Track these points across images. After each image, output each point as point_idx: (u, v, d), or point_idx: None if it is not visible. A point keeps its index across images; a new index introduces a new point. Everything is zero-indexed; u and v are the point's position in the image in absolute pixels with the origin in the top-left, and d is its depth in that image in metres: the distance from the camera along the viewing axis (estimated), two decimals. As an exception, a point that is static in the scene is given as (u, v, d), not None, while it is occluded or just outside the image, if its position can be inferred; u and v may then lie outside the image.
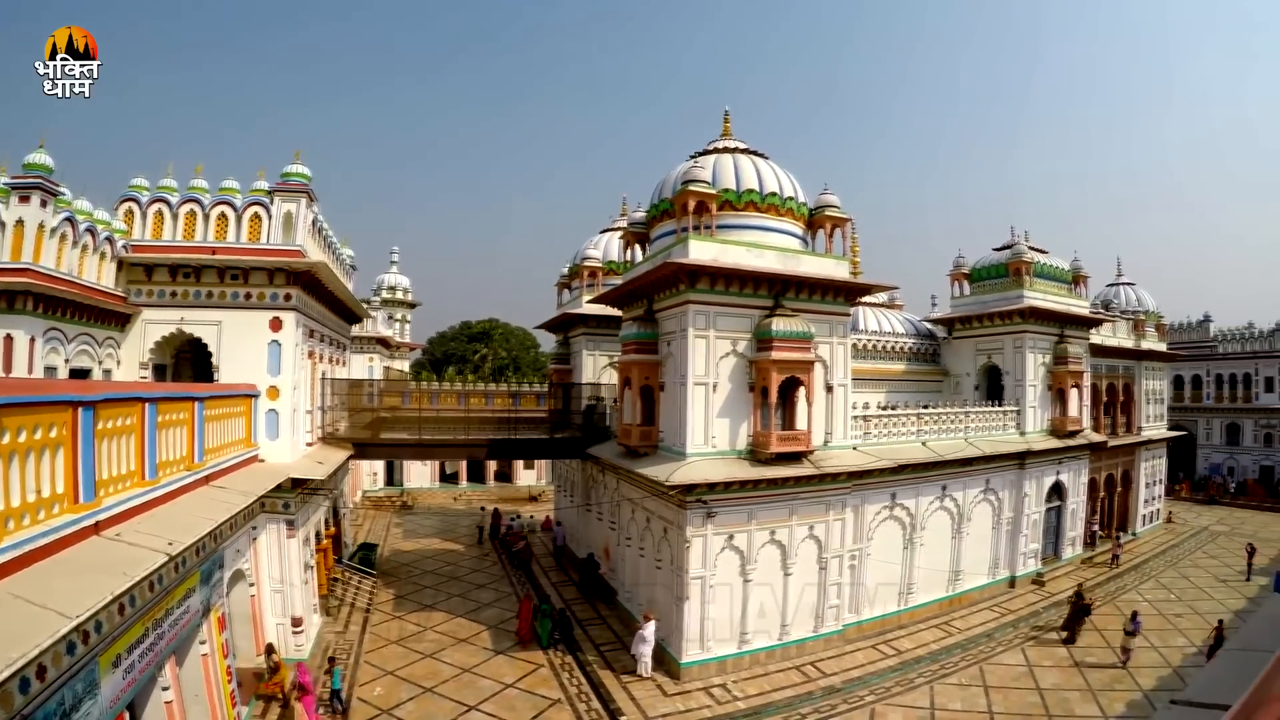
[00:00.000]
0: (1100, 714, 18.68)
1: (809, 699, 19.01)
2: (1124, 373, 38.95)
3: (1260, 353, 56.16)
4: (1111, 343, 37.22)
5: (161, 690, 11.61)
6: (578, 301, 32.16)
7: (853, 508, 22.84)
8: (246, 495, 15.58)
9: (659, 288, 22.09)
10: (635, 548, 23.63)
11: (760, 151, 23.99)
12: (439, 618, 24.40)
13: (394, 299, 54.31)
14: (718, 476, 19.54)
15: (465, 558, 32.80)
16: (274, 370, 20.14)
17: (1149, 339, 41.00)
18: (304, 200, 20.60)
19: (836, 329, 22.88)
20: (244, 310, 20.08)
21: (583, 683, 19.67)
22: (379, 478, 48.48)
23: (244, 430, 18.46)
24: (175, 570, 12.06)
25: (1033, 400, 30.13)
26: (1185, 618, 26.17)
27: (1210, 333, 59.34)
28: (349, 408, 28.46)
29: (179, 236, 19.86)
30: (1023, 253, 30.67)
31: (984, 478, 27.48)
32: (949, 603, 26.34)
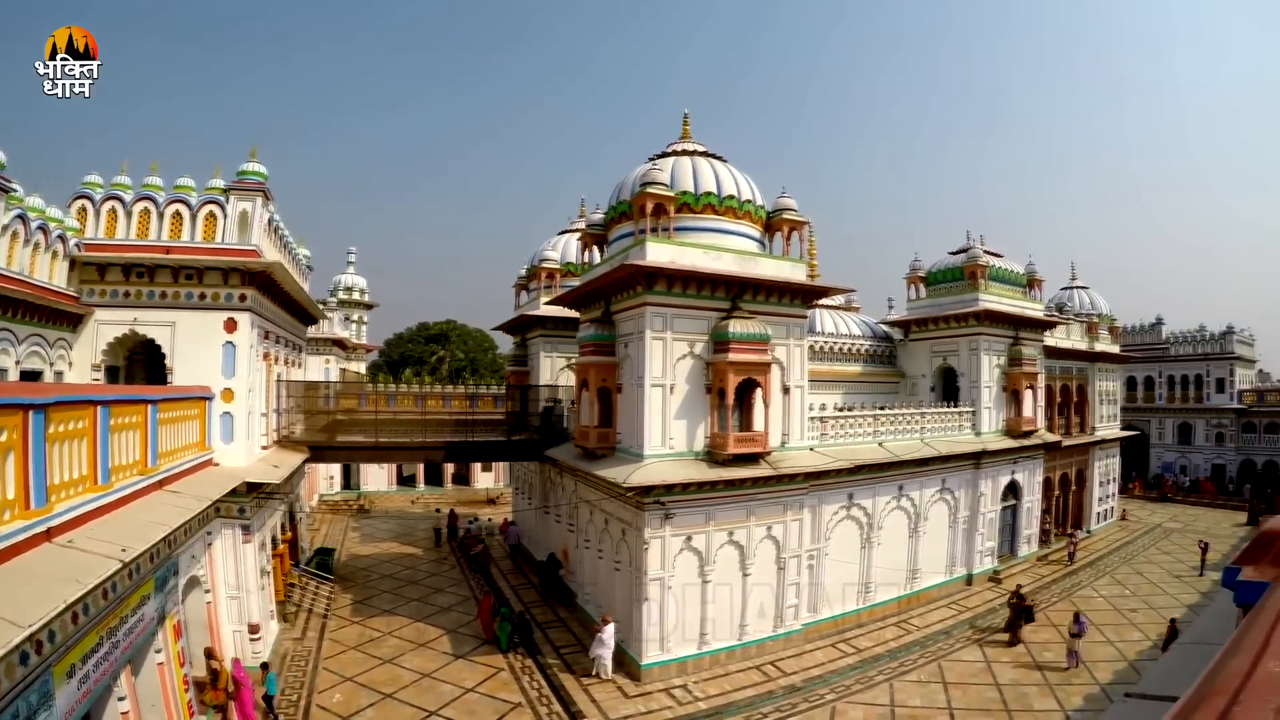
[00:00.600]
0: (1058, 708, 18.94)
1: (770, 698, 19.09)
2: (1078, 374, 39.65)
3: (1211, 355, 57.66)
4: (1066, 345, 37.81)
5: (118, 700, 11.41)
6: (535, 303, 32.06)
7: (810, 508, 22.94)
8: (201, 500, 15.32)
9: (616, 289, 22.10)
10: (594, 550, 23.53)
11: (719, 154, 24.08)
12: (398, 622, 24.15)
13: (351, 300, 53.78)
14: (675, 478, 19.56)
15: (423, 561, 32.52)
16: (228, 372, 19.79)
17: (1102, 341, 41.76)
18: (260, 199, 20.29)
19: (793, 331, 23.05)
20: (198, 311, 19.71)
21: (543, 686, 19.56)
22: (336, 481, 47.91)
23: (198, 433, 18.15)
24: (129, 577, 11.83)
25: (988, 401, 30.54)
26: (1140, 612, 26.72)
27: (1163, 335, 60.76)
28: (305, 410, 28.15)
29: (133, 235, 19.48)
30: (978, 256, 31.09)
31: (940, 477, 27.80)
32: (907, 601, 26.56)
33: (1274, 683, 1.45)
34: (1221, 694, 1.42)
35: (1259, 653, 1.63)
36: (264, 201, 20.52)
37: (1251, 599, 2.58)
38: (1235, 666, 1.61)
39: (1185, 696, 1.55)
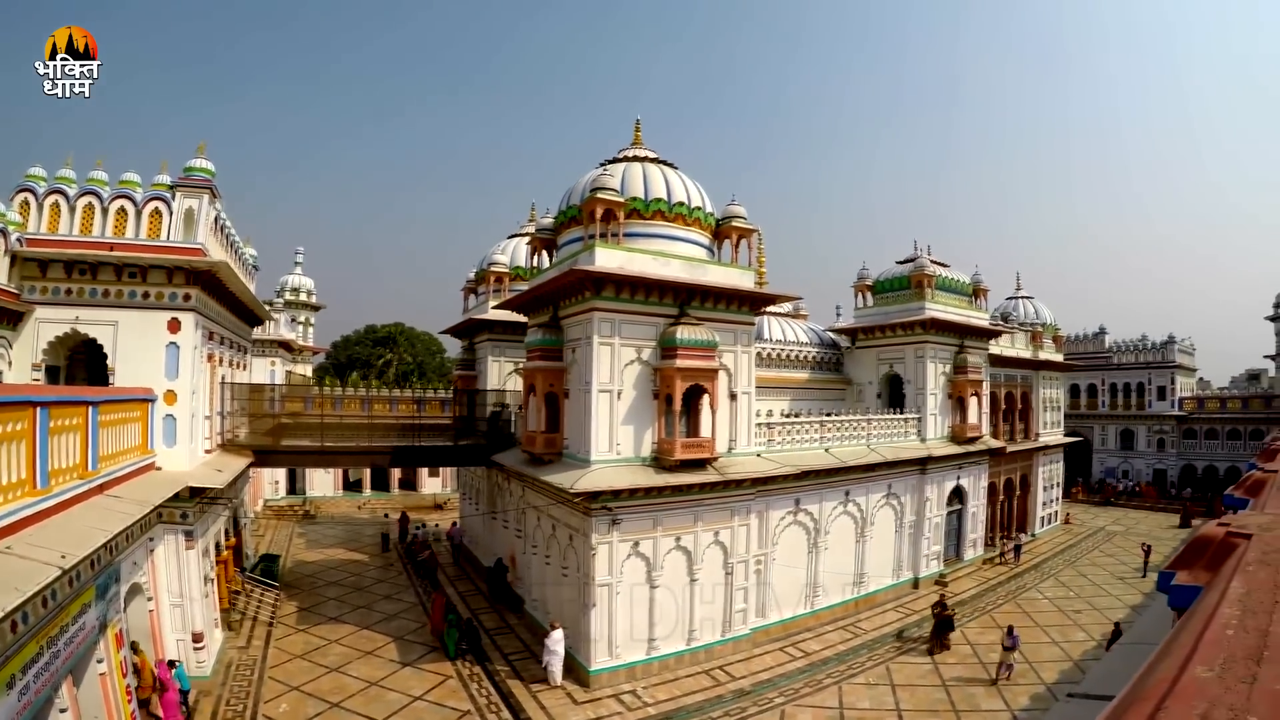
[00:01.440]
0: (1005, 708, 19.21)
1: (719, 702, 19.12)
2: (1022, 381, 40.40)
3: (1153, 363, 59.17)
4: (1010, 353, 38.59)
5: (59, 712, 11.17)
6: (484, 307, 31.90)
7: (757, 513, 23.06)
8: (143, 505, 14.94)
9: (565, 294, 22.05)
10: (541, 555, 23.41)
11: (669, 161, 24.14)
12: (344, 630, 23.78)
13: (297, 301, 53.05)
14: (622, 483, 19.51)
15: (370, 568, 32.08)
16: (172, 374, 19.26)
17: (1046, 350, 42.70)
18: (207, 197, 19.83)
19: (741, 338, 23.18)
20: (141, 310, 19.17)
21: (492, 693, 19.37)
22: (281, 486, 47.11)
23: (140, 436, 17.67)
24: (69, 584, 11.57)
25: (933, 408, 30.96)
26: (1084, 614, 27.27)
27: (1106, 344, 62.11)
28: (250, 413, 27.63)
29: (76, 231, 18.91)
30: (925, 266, 31.53)
31: (886, 483, 28.09)
32: (855, 604, 26.79)
33: (1200, 688, 1.47)
34: (1150, 698, 1.45)
35: (1187, 657, 1.66)
36: (210, 199, 20.08)
37: (1185, 603, 2.63)
38: (1164, 671, 1.63)
39: (1115, 700, 1.58)
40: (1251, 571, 2.39)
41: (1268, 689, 1.43)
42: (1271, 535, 2.88)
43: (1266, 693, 1.42)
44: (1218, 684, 1.48)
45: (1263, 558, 2.55)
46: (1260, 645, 1.70)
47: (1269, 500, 4.44)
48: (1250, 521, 3.20)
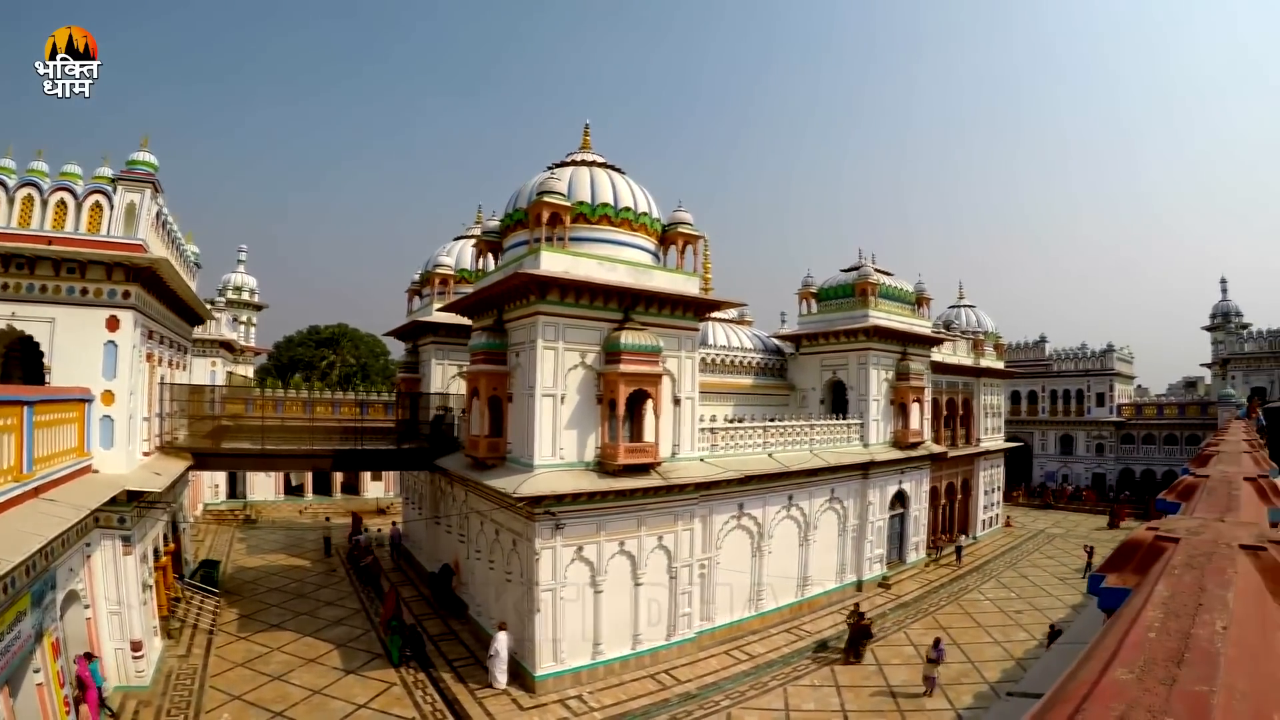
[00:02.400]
0: (949, 706, 19.58)
1: (665, 706, 19.14)
2: (964, 388, 41.13)
3: (1092, 371, 60.61)
4: (952, 360, 39.21)
5: (-6, 724, 10.78)
6: (428, 309, 31.58)
7: (701, 518, 23.13)
8: (80, 509, 14.51)
9: (510, 298, 21.93)
10: (485, 561, 23.23)
11: (617, 166, 24.16)
12: (286, 637, 23.36)
13: (240, 300, 52.04)
14: (565, 488, 19.46)
15: (312, 573, 31.54)
16: (110, 373, 18.64)
17: (988, 357, 43.51)
18: (149, 191, 19.24)
19: (685, 343, 23.25)
20: (80, 307, 18.52)
21: (437, 700, 19.17)
22: (221, 490, 45.93)
23: (76, 438, 17.11)
24: (3, 592, 11.26)
25: (876, 414, 31.35)
26: (1026, 614, 27.89)
27: (1046, 352, 63.57)
28: (189, 415, 26.98)
29: (14, 223, 18.15)
30: (869, 274, 31.90)
31: (829, 487, 28.39)
32: (799, 607, 27.00)
33: (1119, 689, 1.48)
34: (1071, 700, 1.46)
35: (1109, 659, 1.68)
36: (153, 194, 19.52)
37: (1114, 605, 2.64)
38: (1087, 673, 1.64)
39: (1039, 702, 1.60)
40: (1177, 575, 2.43)
41: (1186, 691, 1.46)
42: (1198, 539, 2.94)
43: (1185, 694, 1.44)
44: (1137, 686, 1.50)
45: (1189, 561, 2.60)
46: (1181, 648, 1.72)
47: (1198, 505, 4.53)
48: (1179, 526, 3.26)
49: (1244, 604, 2.10)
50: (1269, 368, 56.30)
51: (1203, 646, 1.71)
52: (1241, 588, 2.26)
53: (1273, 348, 56.52)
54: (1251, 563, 2.61)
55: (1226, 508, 4.10)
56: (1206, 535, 3.00)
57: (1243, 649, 1.73)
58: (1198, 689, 1.46)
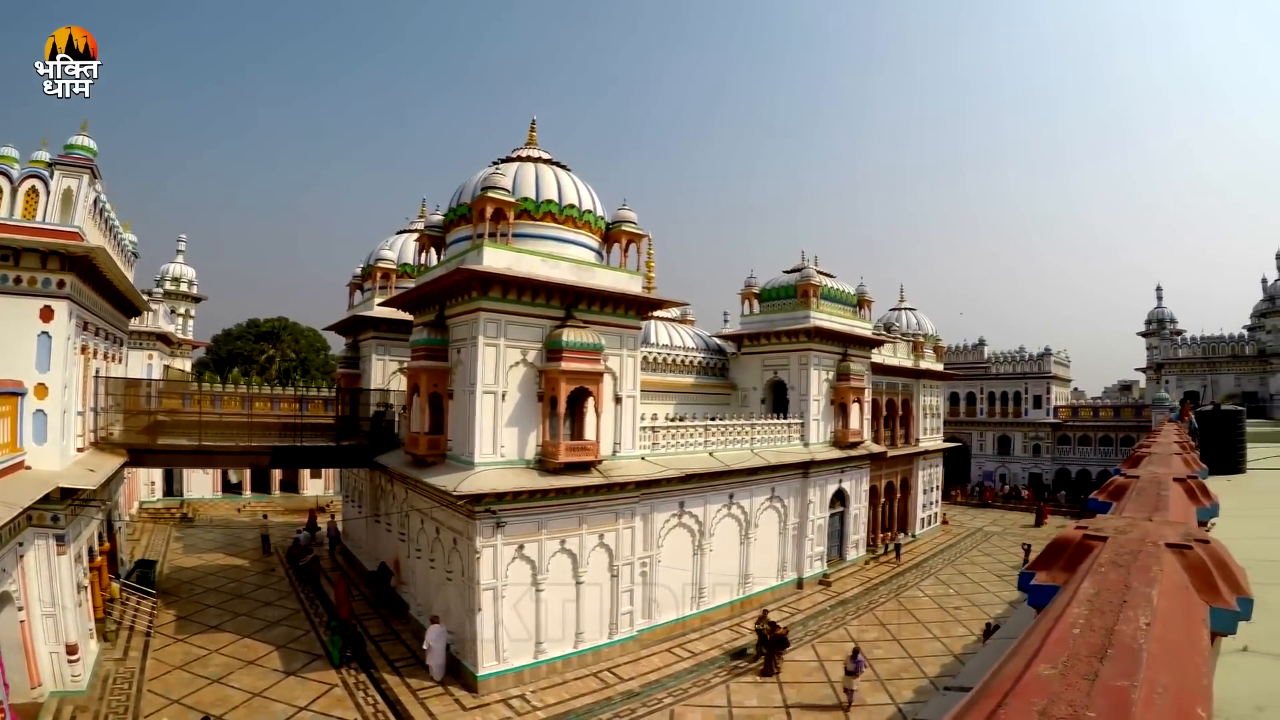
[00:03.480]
0: (890, 701, 19.90)
1: (608, 704, 19.15)
2: (904, 389, 41.89)
3: (1029, 374, 61.89)
4: (892, 362, 39.92)
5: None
6: (369, 304, 31.26)
7: (642, 516, 23.23)
8: (11, 507, 14.02)
9: (452, 294, 21.80)
10: (426, 559, 23.05)
11: (562, 163, 24.15)
12: (225, 639, 22.83)
13: (178, 292, 50.67)
14: (506, 486, 19.39)
15: (250, 573, 30.90)
16: (43, 366, 17.96)
17: (927, 359, 44.42)
18: (87, 177, 18.52)
19: (627, 342, 23.36)
20: (12, 296, 17.83)
21: (379, 701, 18.92)
22: (157, 487, 44.50)
23: (8, 433, 16.47)
24: None
25: (816, 414, 31.75)
26: (964, 610, 28.47)
27: (985, 355, 64.81)
28: (125, 410, 26.31)
29: None
30: (811, 276, 32.29)
31: (770, 486, 28.66)
32: (740, 605, 27.14)
33: (1041, 685, 1.50)
34: (995, 695, 1.49)
35: (1033, 655, 1.70)
36: (91, 180, 18.82)
37: (1043, 602, 2.66)
38: (1011, 669, 1.66)
39: (964, 699, 1.61)
40: (1104, 573, 2.46)
41: (1108, 685, 1.48)
42: (1126, 538, 2.97)
43: (1106, 689, 1.46)
44: (1060, 681, 1.52)
45: (1115, 559, 2.63)
46: (1105, 644, 1.74)
47: (1128, 505, 4.59)
48: (1107, 525, 3.30)
49: (1168, 601, 2.14)
50: (1201, 372, 58.50)
51: (1125, 643, 1.74)
52: (1166, 585, 2.30)
53: (1205, 354, 58.79)
54: (1177, 561, 2.66)
55: (1155, 507, 4.18)
56: (1134, 534, 3.06)
57: (1165, 645, 1.76)
58: (1119, 684, 1.48)
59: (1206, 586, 2.52)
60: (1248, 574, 2.84)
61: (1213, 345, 59.24)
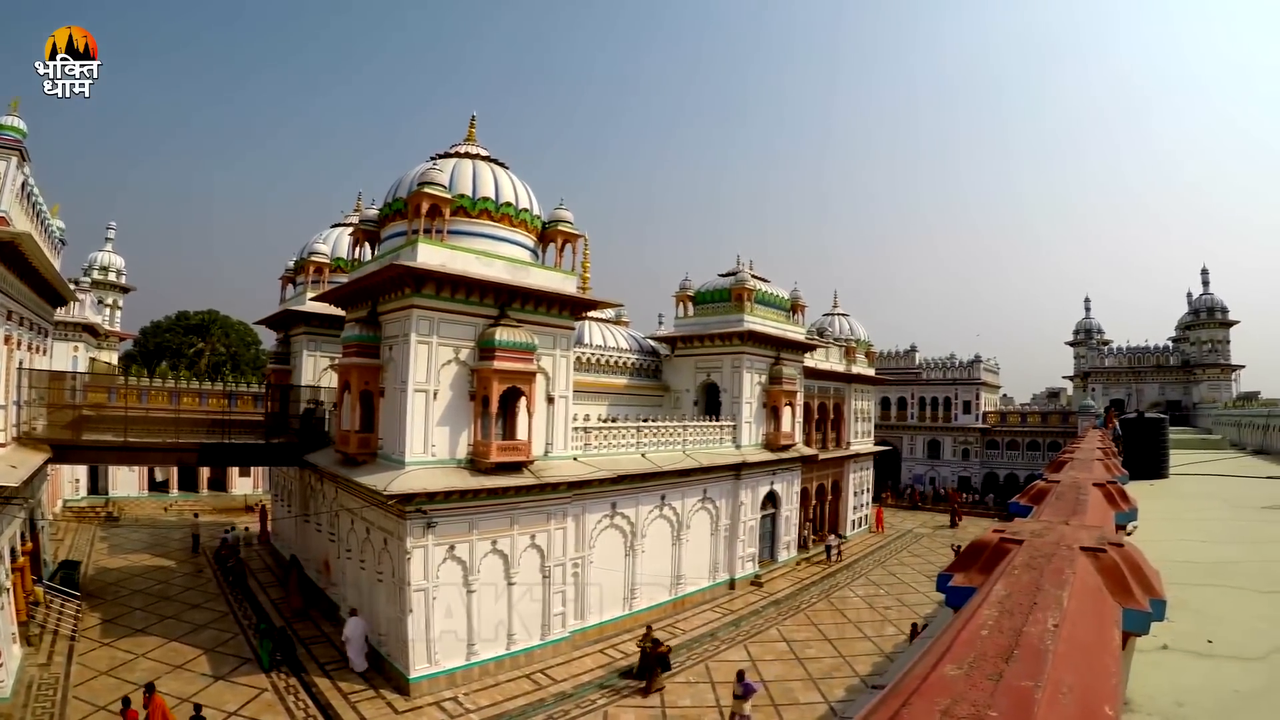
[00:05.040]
0: (822, 700, 20.11)
1: (541, 706, 19.11)
2: (835, 393, 42.67)
3: (960, 379, 63.31)
4: (825, 366, 40.58)
5: None
6: (301, 298, 30.75)
7: (574, 517, 23.28)
8: None
9: (385, 290, 21.62)
10: (356, 560, 22.77)
11: (501, 160, 24.10)
12: (152, 643, 22.19)
13: (106, 281, 49.45)
14: (437, 486, 19.29)
15: (177, 575, 30.12)
16: None
17: (859, 364, 45.28)
18: (15, 159, 18.04)
19: (560, 342, 23.45)
20: None
21: (309, 705, 18.60)
22: (82, 485, 43.27)
23: None
24: None
25: (749, 416, 32.12)
26: (894, 610, 29.05)
27: (916, 360, 65.89)
28: (49, 404, 25.50)
29: None
30: (745, 280, 32.63)
31: (702, 488, 28.93)
32: (673, 606, 27.40)
33: (946, 685, 1.51)
34: (900, 695, 1.50)
35: (941, 656, 1.71)
36: (19, 162, 18.30)
37: (960, 603, 2.68)
38: (920, 669, 1.67)
39: (874, 699, 1.66)
40: (1016, 575, 2.49)
41: (1012, 685, 1.50)
42: (1041, 541, 3.02)
43: (1010, 689, 1.48)
44: (964, 681, 1.53)
45: (1029, 562, 2.66)
46: (1012, 645, 1.76)
47: (1047, 508, 4.61)
48: (1024, 528, 3.34)
49: (1079, 602, 2.17)
50: (1127, 381, 60.56)
51: (1032, 643, 1.76)
52: (1078, 587, 2.32)
53: (1130, 363, 60.91)
54: (1091, 563, 2.70)
55: (1073, 511, 4.21)
56: (1050, 537, 3.11)
57: (1073, 645, 1.79)
58: (1023, 684, 1.50)
59: (1119, 588, 2.58)
60: (1167, 576, 2.96)
61: (1138, 355, 61.36)
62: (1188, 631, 4.50)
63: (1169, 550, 7.51)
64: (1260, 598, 5.76)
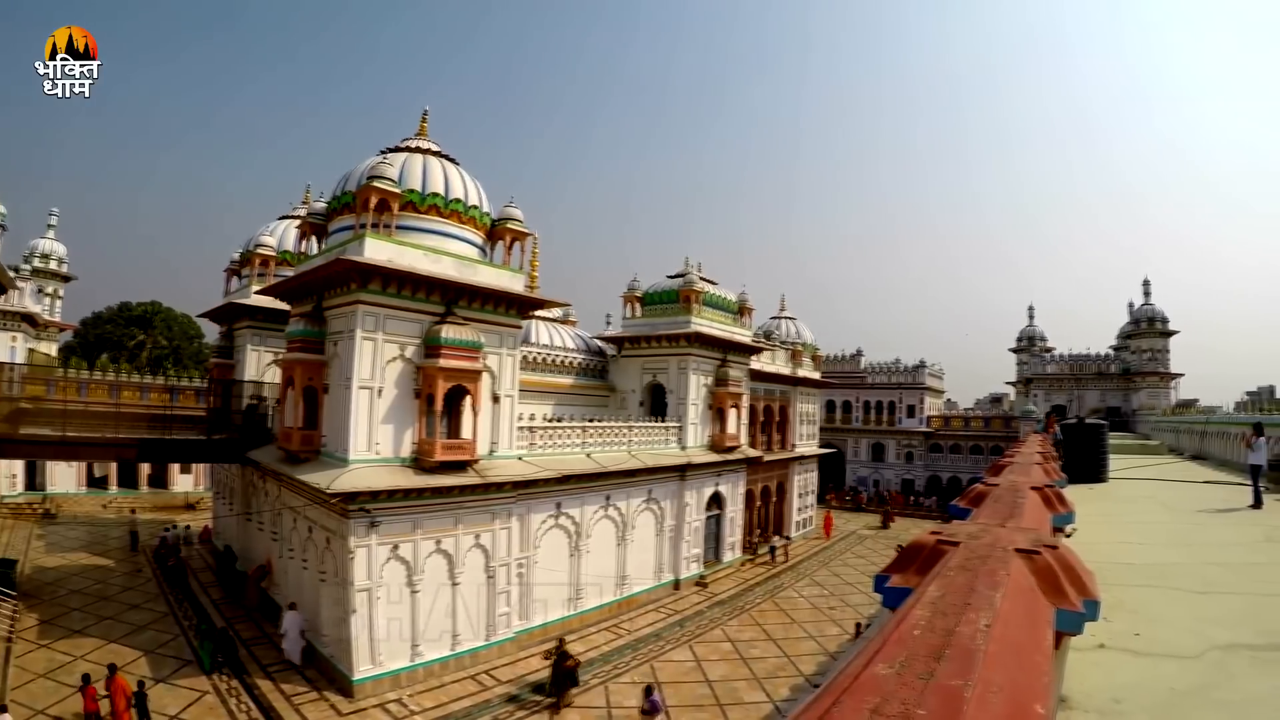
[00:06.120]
0: (767, 699, 20.31)
1: (487, 707, 19.07)
2: (781, 396, 43.18)
3: (904, 384, 64.54)
4: (771, 369, 41.07)
5: None
6: (246, 291, 30.33)
7: (518, 516, 23.27)
8: None
9: (331, 284, 21.48)
10: (299, 560, 22.54)
11: (452, 156, 24.05)
12: (90, 644, 21.64)
13: (47, 270, 48.31)
14: (381, 484, 19.17)
15: (116, 574, 29.46)
16: None
17: (805, 367, 45.88)
18: None
19: (507, 340, 23.46)
20: None
21: (252, 708, 18.31)
22: (18, 480, 42.15)
23: None
24: None
25: (694, 418, 32.34)
26: (839, 609, 29.45)
27: (862, 365, 67.23)
28: (-15, 396, 25.09)
29: None
30: (694, 282, 32.86)
31: (647, 488, 29.13)
32: (618, 606, 27.52)
33: (877, 684, 1.54)
34: (832, 694, 1.52)
35: (873, 655, 1.73)
36: None
37: (897, 604, 2.69)
38: (852, 669, 1.68)
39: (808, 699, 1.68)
40: (951, 576, 2.52)
41: (942, 684, 1.52)
42: (977, 543, 3.05)
43: (940, 688, 1.50)
44: (895, 680, 1.55)
45: (964, 564, 2.71)
46: (943, 644, 1.78)
47: (984, 511, 4.65)
48: (960, 530, 3.40)
49: (1012, 603, 2.20)
50: (1068, 388, 62.22)
51: (963, 643, 1.78)
52: (1011, 588, 2.35)
53: (1072, 370, 62.62)
54: (1025, 565, 2.73)
55: (1009, 514, 4.25)
56: (986, 539, 3.14)
57: (1005, 645, 1.81)
58: (953, 683, 1.53)
59: (1053, 589, 2.62)
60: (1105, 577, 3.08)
61: (1080, 363, 63.07)
62: (1125, 630, 4.72)
63: (1107, 552, 7.78)
64: (1196, 598, 6.01)
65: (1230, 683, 3.97)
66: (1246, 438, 15.81)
